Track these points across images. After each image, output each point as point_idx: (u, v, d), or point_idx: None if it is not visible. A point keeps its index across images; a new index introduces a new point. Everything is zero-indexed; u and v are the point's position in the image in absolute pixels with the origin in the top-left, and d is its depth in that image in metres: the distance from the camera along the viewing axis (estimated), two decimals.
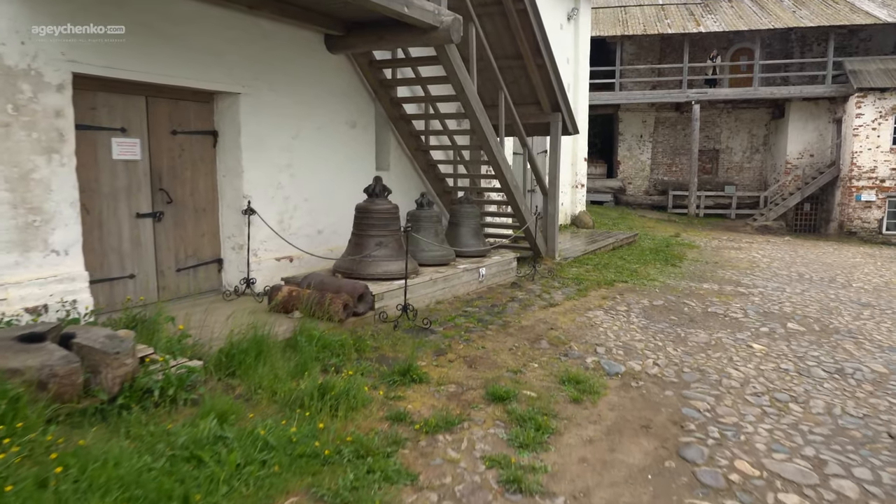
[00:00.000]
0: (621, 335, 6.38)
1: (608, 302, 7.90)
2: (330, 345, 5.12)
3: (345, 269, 7.06)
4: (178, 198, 6.58)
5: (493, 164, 8.96)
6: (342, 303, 5.87)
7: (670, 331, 6.65)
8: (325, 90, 7.93)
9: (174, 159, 6.50)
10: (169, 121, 6.41)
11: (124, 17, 5.58)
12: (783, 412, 4.54)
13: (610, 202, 24.42)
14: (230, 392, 4.27)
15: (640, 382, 5.01)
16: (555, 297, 8.11)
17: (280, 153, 7.36)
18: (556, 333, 6.30)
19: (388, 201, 7.32)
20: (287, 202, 7.52)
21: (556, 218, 10.77)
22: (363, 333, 5.88)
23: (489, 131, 8.46)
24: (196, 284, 6.87)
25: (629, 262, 11.26)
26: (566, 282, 9.12)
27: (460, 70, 7.64)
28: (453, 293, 7.84)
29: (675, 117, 25.34)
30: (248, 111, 6.88)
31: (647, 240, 15.28)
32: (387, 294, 6.62)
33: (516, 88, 10.35)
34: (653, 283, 9.38)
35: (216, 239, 7.07)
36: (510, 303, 7.66)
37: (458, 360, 5.37)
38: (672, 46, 25.02)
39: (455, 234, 8.99)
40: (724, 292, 8.86)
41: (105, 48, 5.45)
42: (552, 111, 10.44)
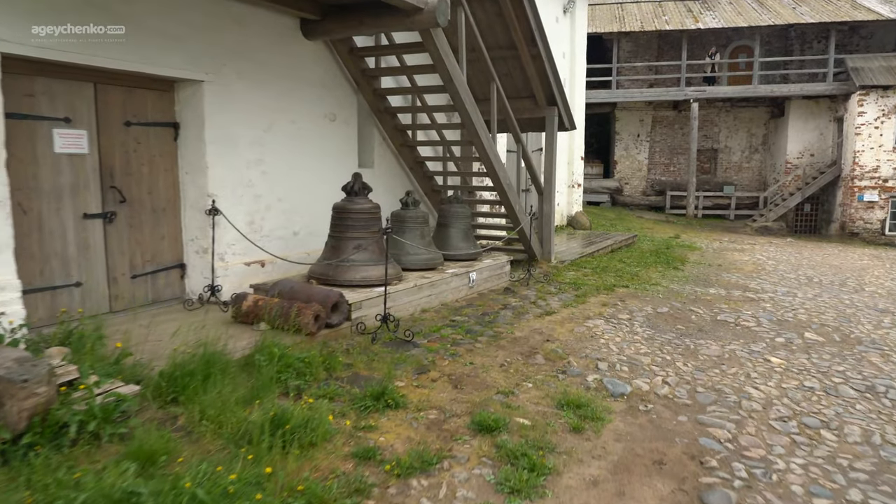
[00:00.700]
0: (625, 348, 5.76)
1: (609, 309, 7.28)
2: (294, 363, 4.48)
3: (320, 275, 6.42)
4: (134, 196, 5.93)
5: (484, 161, 8.34)
6: (312, 314, 5.23)
7: (678, 342, 6.03)
8: (301, 80, 7.29)
9: (128, 154, 5.85)
10: (122, 111, 5.76)
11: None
12: (815, 441, 3.92)
13: (607, 203, 23.85)
14: (169, 423, 3.63)
15: (648, 405, 4.38)
16: (551, 304, 7.49)
17: (250, 148, 6.72)
18: (552, 346, 5.68)
19: (368, 200, 6.68)
20: (258, 201, 6.88)
21: (552, 219, 10.16)
22: (336, 348, 5.25)
23: (480, 126, 7.84)
24: (155, 292, 6.22)
25: (629, 266, 10.65)
26: (563, 287, 8.50)
27: (448, 58, 7.02)
28: (441, 300, 7.21)
29: (673, 116, 24.78)
30: (213, 101, 6.23)
31: (647, 241, 14.69)
32: (365, 302, 5.99)
33: (510, 81, 9.73)
34: (656, 287, 8.77)
35: (178, 242, 6.42)
36: (503, 311, 7.03)
37: (442, 379, 4.73)
38: (670, 44, 24.47)
39: (444, 237, 8.36)
40: (732, 298, 8.26)
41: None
42: (548, 105, 9.84)
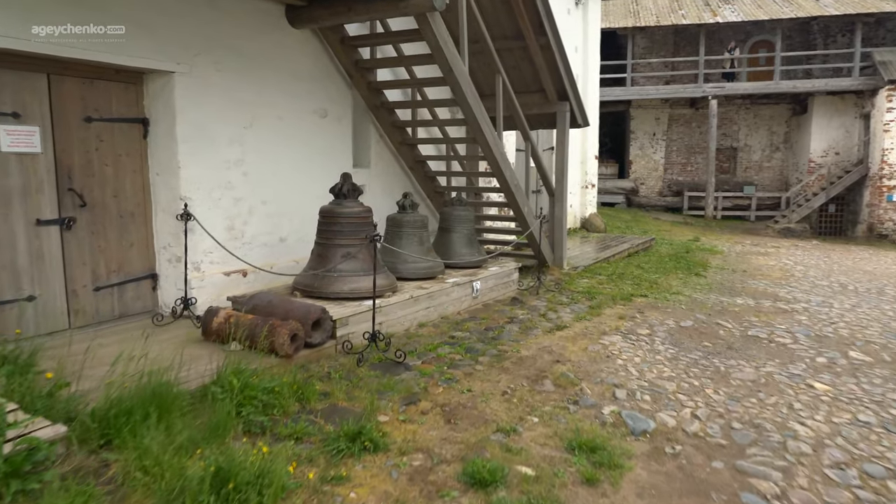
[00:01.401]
0: (646, 370, 5.07)
1: (627, 323, 6.58)
2: (260, 394, 3.85)
3: (305, 287, 5.80)
4: (96, 200, 5.34)
5: (489, 161, 7.68)
6: (288, 333, 4.60)
7: (706, 363, 5.33)
8: (287, 73, 6.67)
9: (89, 153, 5.26)
10: (81, 105, 5.18)
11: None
12: (885, 499, 3.22)
13: (622, 204, 23.07)
14: (96, 475, 3.01)
15: (676, 447, 3.70)
16: (562, 316, 6.81)
17: (229, 146, 6.11)
18: (563, 369, 5.00)
19: (358, 203, 6.05)
20: (239, 205, 6.27)
21: (564, 221, 9.47)
22: (315, 372, 4.62)
23: (484, 121, 7.18)
24: (123, 306, 5.63)
25: (647, 272, 9.93)
26: (576, 296, 7.81)
27: (447, 46, 6.37)
28: (440, 313, 6.56)
29: (690, 114, 23.94)
30: (185, 95, 5.63)
31: (665, 245, 13.94)
32: (353, 318, 5.35)
33: (517, 74, 9.07)
34: (677, 297, 8.05)
35: (149, 250, 5.82)
36: (508, 325, 6.36)
37: (433, 412, 4.08)
38: (687, 39, 23.63)
39: (445, 242, 7.71)
40: (762, 309, 7.52)
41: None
42: (559, 100, 9.16)
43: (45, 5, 4.66)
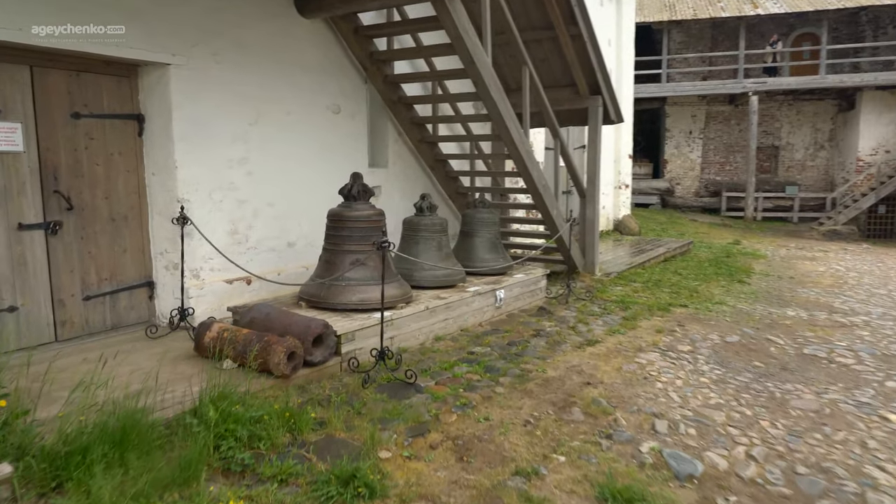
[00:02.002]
0: (689, 396, 4.46)
1: (665, 337, 5.96)
2: (246, 423, 3.37)
3: (310, 297, 5.33)
4: (85, 203, 4.95)
5: (515, 159, 7.12)
6: (284, 351, 4.12)
7: (758, 387, 4.69)
8: (296, 65, 6.22)
9: (77, 151, 4.87)
10: (68, 100, 4.79)
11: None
12: None
13: (656, 205, 22.21)
14: None
15: (730, 497, 3.10)
16: (594, 329, 6.21)
17: (232, 144, 5.68)
18: (594, 393, 4.42)
19: (369, 205, 5.55)
20: (243, 207, 5.83)
21: (596, 224, 8.85)
22: (315, 395, 4.13)
23: (509, 116, 6.64)
24: (116, 316, 5.23)
25: (686, 279, 9.24)
26: (609, 306, 7.19)
27: (468, 34, 5.84)
28: (460, 325, 6.02)
29: (729, 111, 22.94)
30: (182, 89, 5.21)
31: (703, 248, 13.16)
32: (361, 332, 4.85)
33: (546, 67, 8.50)
34: (720, 307, 7.37)
35: (144, 255, 5.42)
36: (534, 339, 5.80)
37: (444, 446, 3.55)
38: (725, 33, 22.67)
39: (467, 247, 7.18)
40: (817, 322, 6.80)
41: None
42: (591, 94, 8.55)
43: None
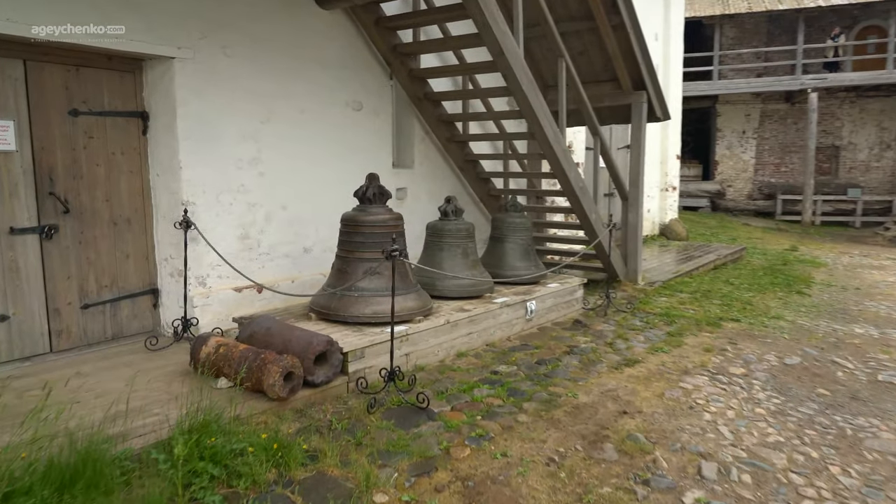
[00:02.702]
0: (742, 431, 3.86)
1: (715, 358, 5.33)
2: (226, 457, 2.97)
3: (320, 308, 4.92)
4: (84, 205, 4.66)
5: (549, 159, 6.59)
6: (280, 371, 3.71)
7: (825, 421, 4.05)
8: (313, 60, 5.84)
9: (75, 151, 4.58)
10: (65, 96, 4.51)
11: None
12: None
13: (706, 208, 21.18)
14: None
15: None
16: (634, 346, 5.63)
17: (241, 144, 5.33)
18: (630, 425, 3.87)
19: (386, 209, 5.12)
20: (254, 210, 5.48)
21: (640, 229, 8.22)
22: (315, 420, 3.71)
23: (543, 113, 6.12)
24: (117, 326, 4.94)
25: (739, 289, 8.50)
26: (652, 320, 6.58)
27: (496, 22, 5.35)
28: (485, 339, 5.53)
29: (785, 109, 21.71)
30: (187, 84, 4.89)
31: (757, 255, 12.28)
32: (371, 349, 4.41)
33: (586, 61, 7.93)
34: (777, 322, 6.66)
35: (149, 262, 5.12)
36: (566, 356, 5.26)
37: (451, 488, 3.07)
38: (782, 27, 21.45)
39: (497, 254, 6.68)
40: (891, 341, 6.04)
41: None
42: (634, 90, 7.93)
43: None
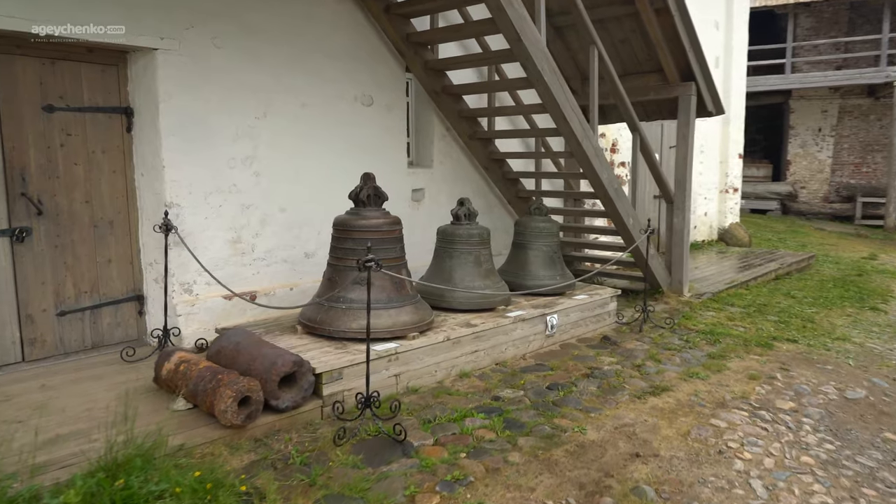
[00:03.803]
0: (780, 487, 3.16)
1: (761, 387, 4.58)
2: (139, 503, 2.56)
3: (308, 321, 4.50)
4: (61, 207, 4.41)
5: (578, 158, 5.99)
6: (233, 395, 3.29)
7: (890, 478, 3.29)
8: (316, 50, 5.44)
9: (51, 150, 4.33)
10: (39, 91, 4.26)
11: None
12: None
13: (775, 211, 19.75)
14: None
15: None
16: (666, 369, 4.94)
17: (235, 141, 4.98)
18: (642, 472, 3.25)
19: (381, 212, 4.65)
20: (248, 213, 5.12)
21: (686, 235, 7.43)
22: (269, 455, 3.27)
23: (568, 106, 5.52)
24: (97, 334, 4.67)
25: (801, 303, 7.58)
26: (693, 338, 5.84)
27: (511, 6, 4.80)
28: (495, 358, 4.98)
29: (868, 104, 19.94)
30: (172, 77, 4.56)
31: (829, 264, 11.13)
32: (352, 369, 3.95)
33: (627, 50, 7.24)
34: (842, 345, 5.79)
35: (133, 266, 4.83)
36: (584, 380, 4.64)
37: None
38: (865, 15, 19.72)
39: (519, 262, 6.10)
40: None
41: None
42: (682, 81, 7.16)
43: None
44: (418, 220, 6.41)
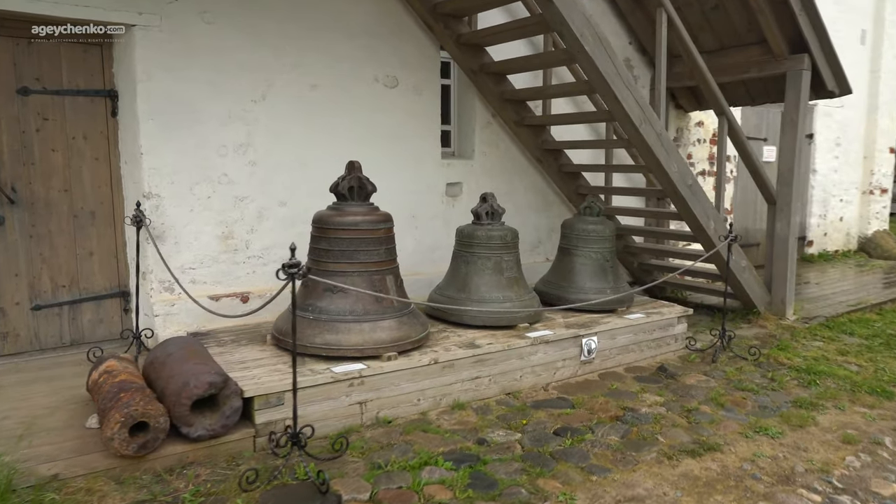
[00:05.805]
0: None
1: (853, 457, 3.35)
2: None
3: (278, 332, 3.93)
4: (37, 195, 4.17)
5: (637, 146, 4.95)
6: (122, 420, 2.76)
7: None
8: (328, 26, 4.86)
9: (25, 135, 4.09)
10: (13, 73, 4.02)
11: None
12: None
13: None
14: None
15: None
16: (724, 419, 3.81)
17: (227, 126, 4.52)
18: None
19: (367, 207, 3.96)
20: (241, 206, 4.65)
21: (791, 243, 6.03)
22: (156, 497, 2.70)
23: (620, 84, 4.51)
24: (77, 330, 4.41)
25: None
26: (780, 376, 4.58)
27: None
28: (507, 386, 4.12)
29: None
30: (151, 56, 4.17)
31: None
32: (300, 394, 3.30)
33: (720, 18, 6.02)
34: None
35: (118, 260, 4.52)
36: (608, 425, 3.66)
37: None
38: None
39: (562, 271, 5.16)
40: None
41: None
42: (790, 53, 5.79)
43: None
44: (453, 217, 5.65)
